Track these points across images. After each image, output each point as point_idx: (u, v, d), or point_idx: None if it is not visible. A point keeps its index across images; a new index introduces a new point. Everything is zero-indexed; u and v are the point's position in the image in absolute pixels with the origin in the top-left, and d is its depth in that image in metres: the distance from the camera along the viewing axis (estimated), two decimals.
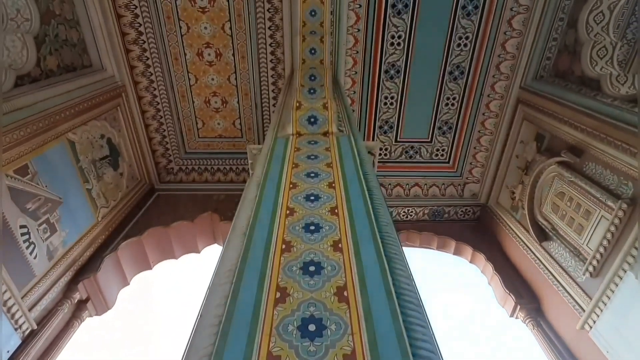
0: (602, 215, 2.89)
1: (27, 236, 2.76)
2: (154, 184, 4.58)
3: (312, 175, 1.63)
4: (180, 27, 3.92)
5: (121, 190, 3.93)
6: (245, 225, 1.30)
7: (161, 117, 4.40)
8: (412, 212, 4.63)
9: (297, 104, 2.13)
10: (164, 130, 4.48)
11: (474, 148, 4.44)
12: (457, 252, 4.38)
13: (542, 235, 3.53)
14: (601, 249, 2.86)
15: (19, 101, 2.72)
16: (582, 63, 3.37)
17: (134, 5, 3.75)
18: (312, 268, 1.07)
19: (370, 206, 1.38)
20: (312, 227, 1.27)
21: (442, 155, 4.55)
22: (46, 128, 2.94)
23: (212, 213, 4.10)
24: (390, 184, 4.61)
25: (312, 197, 1.45)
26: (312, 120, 2.08)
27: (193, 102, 4.40)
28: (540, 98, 3.61)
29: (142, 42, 3.95)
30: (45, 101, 2.94)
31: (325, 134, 2.09)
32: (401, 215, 4.63)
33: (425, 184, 4.63)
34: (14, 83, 2.87)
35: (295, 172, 1.67)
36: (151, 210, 4.16)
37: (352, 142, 1.96)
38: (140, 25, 3.86)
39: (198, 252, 4.25)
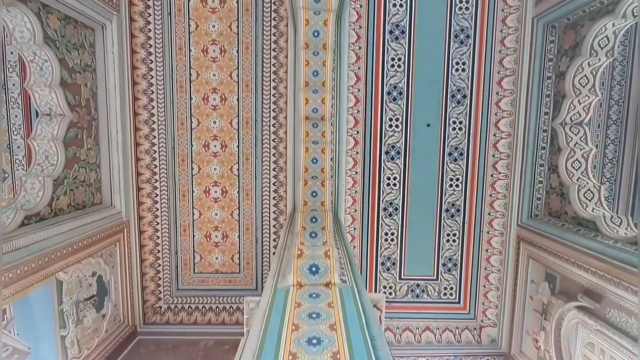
0: None
1: None
2: (137, 326, 4.15)
3: (314, 342, 1.45)
4: (192, 168, 4.28)
5: (99, 335, 3.53)
6: None
7: (159, 252, 4.33)
8: None
9: (299, 252, 2.09)
10: (159, 265, 4.34)
11: (484, 287, 4.22)
12: None
13: None
14: None
15: (19, 241, 2.69)
16: (573, 205, 3.50)
17: (154, 150, 4.18)
18: None
19: None
20: None
21: (450, 294, 4.29)
22: (38, 268, 2.82)
23: None
24: (398, 327, 4.19)
25: None
26: (314, 269, 2.01)
27: (194, 236, 4.42)
28: (540, 237, 3.61)
29: (155, 180, 4.23)
30: (45, 240, 2.91)
31: (328, 284, 1.98)
32: None
33: (438, 328, 4.20)
34: (20, 223, 2.90)
35: (296, 337, 1.49)
36: None
37: (356, 296, 1.83)
38: (156, 166, 4.21)
39: None
